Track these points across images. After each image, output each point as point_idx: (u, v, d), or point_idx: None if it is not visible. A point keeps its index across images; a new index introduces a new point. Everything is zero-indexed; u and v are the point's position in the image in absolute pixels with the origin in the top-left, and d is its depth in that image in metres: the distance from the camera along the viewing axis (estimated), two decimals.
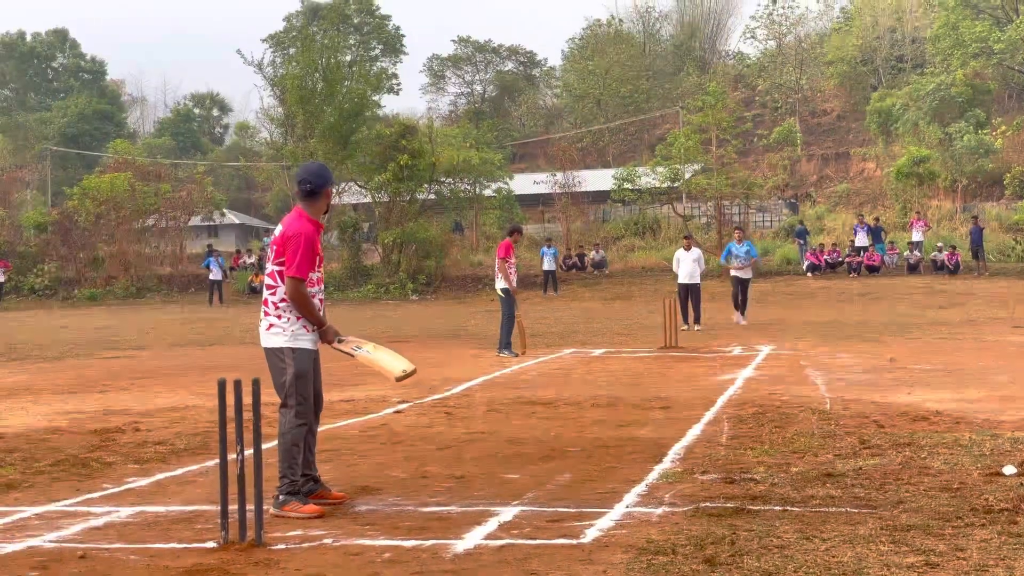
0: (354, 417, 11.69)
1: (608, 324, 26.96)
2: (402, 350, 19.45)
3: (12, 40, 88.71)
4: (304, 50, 48.81)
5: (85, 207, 51.11)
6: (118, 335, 26.73)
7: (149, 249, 52.15)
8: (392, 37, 79.37)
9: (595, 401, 12.64)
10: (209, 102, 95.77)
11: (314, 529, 6.66)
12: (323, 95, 46.43)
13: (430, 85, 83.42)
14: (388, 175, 44.92)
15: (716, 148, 46.98)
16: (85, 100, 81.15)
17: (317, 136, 45.83)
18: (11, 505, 7.54)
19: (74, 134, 77.61)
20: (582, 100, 71.71)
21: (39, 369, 18.80)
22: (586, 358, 18.62)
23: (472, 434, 10.40)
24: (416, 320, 30.46)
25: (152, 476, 8.60)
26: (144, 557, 6.10)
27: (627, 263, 47.33)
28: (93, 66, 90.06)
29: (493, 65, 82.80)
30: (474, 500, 7.37)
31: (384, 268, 45.09)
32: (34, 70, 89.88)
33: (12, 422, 11.77)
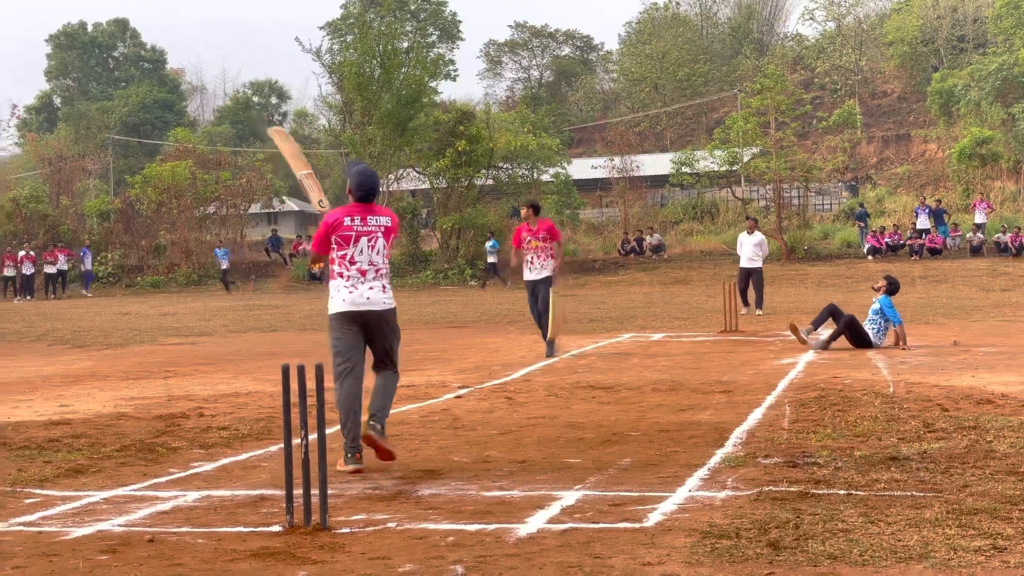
0: (415, 402, 11.74)
1: (667, 308, 26.89)
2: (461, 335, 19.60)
3: (74, 30, 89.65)
4: (361, 37, 48.95)
5: (147, 195, 51.63)
6: (180, 322, 27.01)
7: (210, 236, 52.59)
8: (449, 23, 79.39)
9: (655, 385, 12.62)
10: (268, 90, 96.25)
11: (378, 513, 6.71)
12: (381, 82, 46.55)
13: (487, 71, 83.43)
14: (446, 161, 45.03)
15: (775, 131, 46.64)
16: (146, 89, 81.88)
17: (375, 123, 45.97)
18: (80, 490, 7.64)
19: (135, 123, 78.33)
20: (639, 84, 71.42)
21: (104, 356, 19.04)
22: (646, 342, 18.59)
23: (533, 419, 10.43)
24: (475, 305, 30.53)
25: (217, 461, 8.68)
26: (211, 541, 6.16)
27: (685, 247, 47.18)
28: (153, 55, 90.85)
29: (550, 50, 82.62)
30: (536, 484, 7.39)
31: (442, 254, 45.24)
32: (95, 60, 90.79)
33: (79, 408, 11.93)
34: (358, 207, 8.49)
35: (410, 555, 5.76)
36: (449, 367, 15.36)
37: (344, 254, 8.39)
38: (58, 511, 6.98)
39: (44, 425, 10.64)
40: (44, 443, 9.52)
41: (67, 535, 6.35)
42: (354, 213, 8.45)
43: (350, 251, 8.38)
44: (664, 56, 69.51)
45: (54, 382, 14.87)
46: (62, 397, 13.07)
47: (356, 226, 8.39)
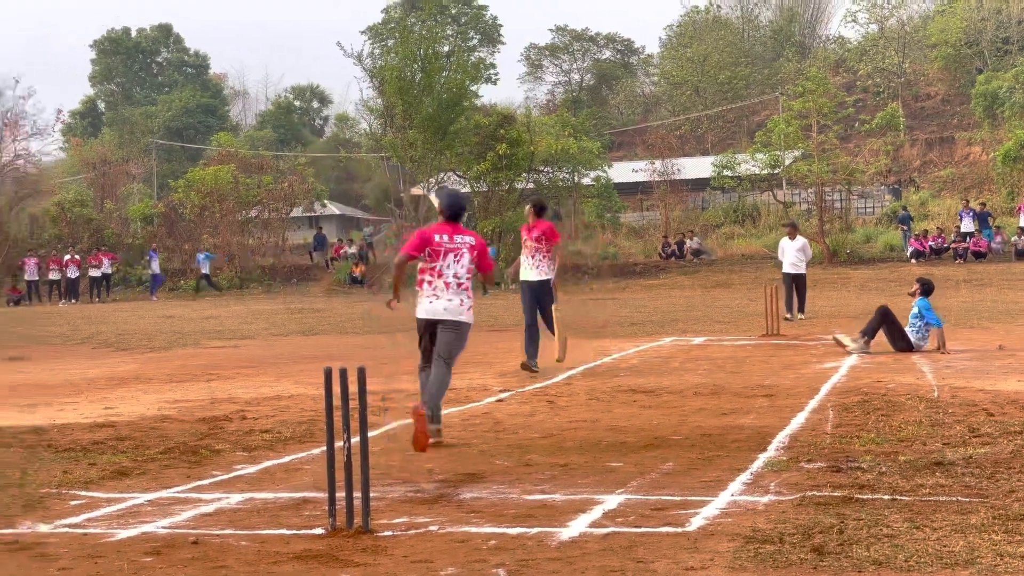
0: (456, 406, 11.75)
1: (708, 312, 26.78)
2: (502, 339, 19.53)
3: (118, 36, 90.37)
4: (402, 41, 49.04)
5: (190, 199, 51.95)
6: (223, 325, 27.15)
7: (252, 240, 52.83)
8: (489, 27, 79.55)
9: (697, 389, 12.58)
10: (309, 94, 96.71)
11: (420, 516, 6.72)
12: (422, 86, 46.59)
13: (528, 74, 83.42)
14: (487, 165, 45.06)
15: (817, 134, 46.38)
16: (189, 94, 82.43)
17: (416, 127, 46.03)
18: (124, 492, 7.70)
19: (178, 127, 78.87)
20: (680, 87, 71.26)
21: (147, 359, 19.17)
22: (687, 346, 18.53)
23: (574, 422, 10.42)
24: (516, 309, 30.44)
25: (260, 463, 8.73)
26: (254, 543, 6.20)
27: (726, 250, 47.01)
28: (196, 60, 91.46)
29: (590, 54, 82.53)
30: (578, 488, 7.38)
31: None
32: (139, 65, 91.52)
33: (123, 410, 12.02)
34: (447, 226, 9.70)
35: (452, 558, 5.77)
36: (490, 371, 15.36)
37: (432, 266, 9.53)
38: (103, 513, 7.04)
39: (89, 427, 10.73)
40: (89, 445, 9.60)
41: (112, 537, 6.40)
42: (443, 231, 9.64)
43: (438, 264, 9.52)
44: (705, 59, 69.33)
45: (99, 385, 14.98)
46: (107, 400, 13.17)
47: (444, 243, 9.56)
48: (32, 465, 8.71)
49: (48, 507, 7.22)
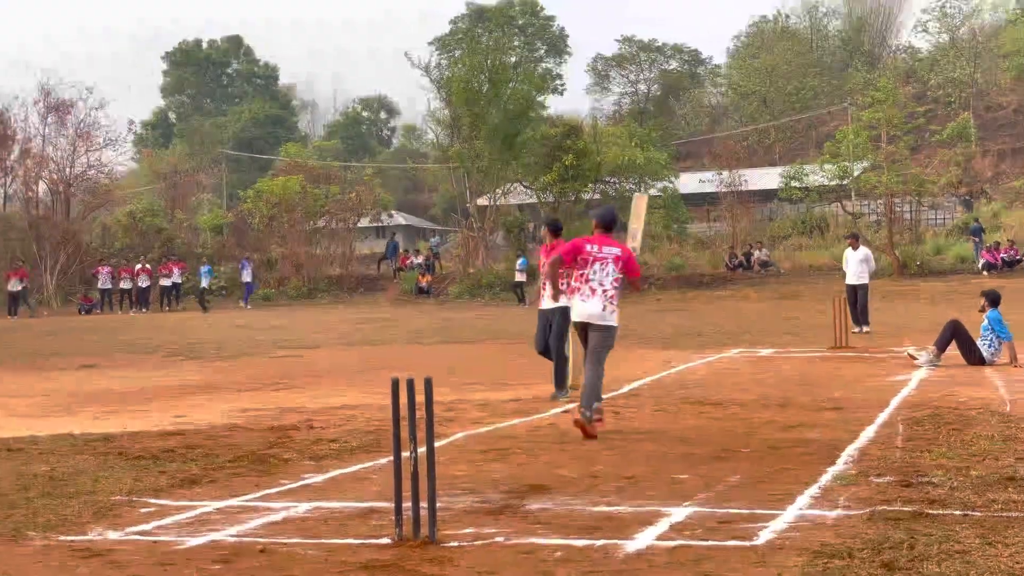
0: (522, 417, 11.76)
1: (776, 324, 26.61)
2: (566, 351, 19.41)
3: (190, 48, 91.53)
4: (470, 52, 49.27)
5: (259, 209, 52.43)
6: (291, 334, 27.34)
7: (320, 250, 53.17)
8: (556, 38, 79.63)
9: (764, 402, 12.50)
10: (377, 105, 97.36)
11: (486, 527, 6.72)
12: (488, 96, 46.73)
13: (594, 85, 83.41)
14: (553, 175, 45.08)
15: (886, 145, 45.95)
16: (258, 105, 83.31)
17: (483, 137, 46.17)
18: (194, 499, 7.77)
19: (248, 138, 79.69)
20: (747, 98, 70.94)
21: (216, 368, 19.36)
22: (754, 358, 18.42)
23: (640, 434, 10.38)
24: None
25: (327, 473, 8.77)
26: (322, 552, 6.22)
27: (794, 262, 46.65)
28: (266, 71, 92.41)
29: (657, 64, 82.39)
30: (644, 500, 7.35)
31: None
32: (210, 76, 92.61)
33: (193, 419, 12.14)
34: (598, 237, 10.74)
35: (518, 570, 5.76)
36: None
37: (582, 273, 10.58)
38: (173, 520, 7.11)
39: (159, 435, 10.84)
40: (159, 453, 9.70)
41: (181, 544, 6.46)
42: (594, 242, 10.68)
43: (586, 271, 10.56)
44: (773, 69, 68.95)
45: (169, 393, 15.15)
46: (176, 408, 13.31)
47: (593, 252, 10.58)
48: (103, 472, 8.81)
49: (119, 514, 7.30)
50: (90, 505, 7.55)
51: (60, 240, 51.34)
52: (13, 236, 53.41)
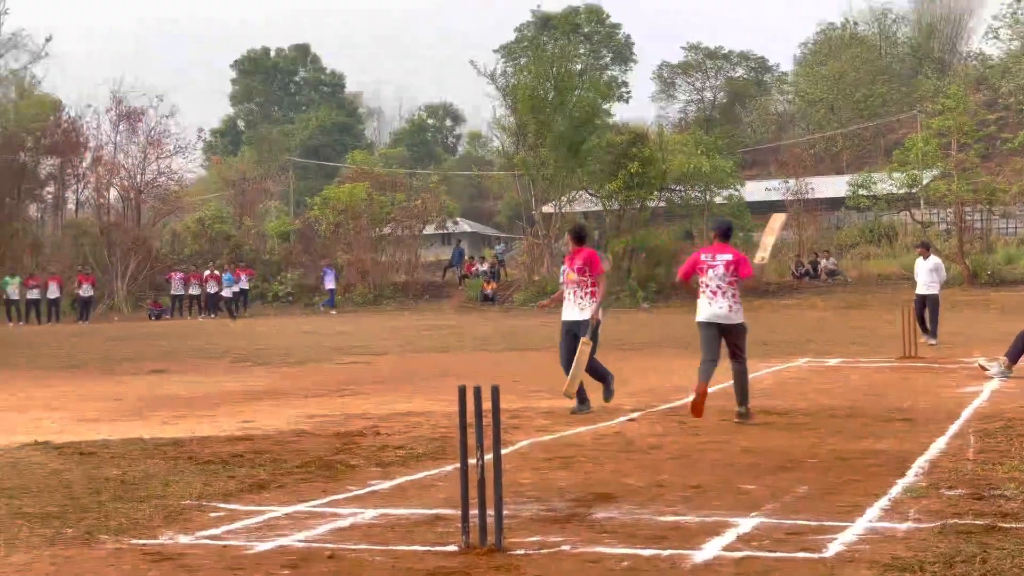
0: (587, 425, 11.76)
1: (843, 333, 26.38)
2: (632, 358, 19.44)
3: (258, 56, 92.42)
4: (535, 60, 49.29)
5: (325, 216, 52.73)
6: (356, 340, 27.49)
7: (385, 257, 53.38)
8: (622, 45, 79.51)
9: (832, 412, 12.40)
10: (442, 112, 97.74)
11: (552, 535, 6.72)
12: (554, 104, 46.70)
13: (660, 92, 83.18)
14: (618, 183, 44.98)
15: (956, 153, 45.41)
16: (325, 113, 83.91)
17: (548, 145, 46.16)
18: (262, 504, 7.84)
19: (315, 146, 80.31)
20: (815, 105, 70.41)
21: (283, 373, 19.51)
22: (821, 368, 18.27)
23: (706, 443, 10.34)
24: (647, 329, 30.41)
25: (393, 479, 8.81)
26: (388, 558, 6.26)
27: (862, 271, 46.22)
28: (333, 79, 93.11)
29: (724, 71, 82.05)
30: (711, 510, 7.32)
31: (614, 276, 45.10)
32: (278, 84, 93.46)
33: (260, 424, 12.24)
34: (715, 246, 12.36)
35: None
36: (621, 390, 15.26)
37: (703, 280, 12.11)
38: (242, 525, 7.18)
39: (227, 440, 10.95)
40: (228, 458, 9.80)
41: (251, 549, 6.52)
42: (709, 251, 12.34)
43: (705, 278, 12.08)
44: (841, 76, 68.38)
45: (236, 398, 15.30)
46: (244, 413, 13.44)
47: (708, 260, 12.15)
48: (173, 477, 8.91)
49: (189, 518, 7.38)
50: (161, 509, 7.64)
51: (131, 246, 51.97)
52: (85, 242, 54.19)
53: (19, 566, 6.17)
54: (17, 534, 6.91)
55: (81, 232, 55.98)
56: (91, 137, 57.84)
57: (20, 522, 7.25)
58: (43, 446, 10.70)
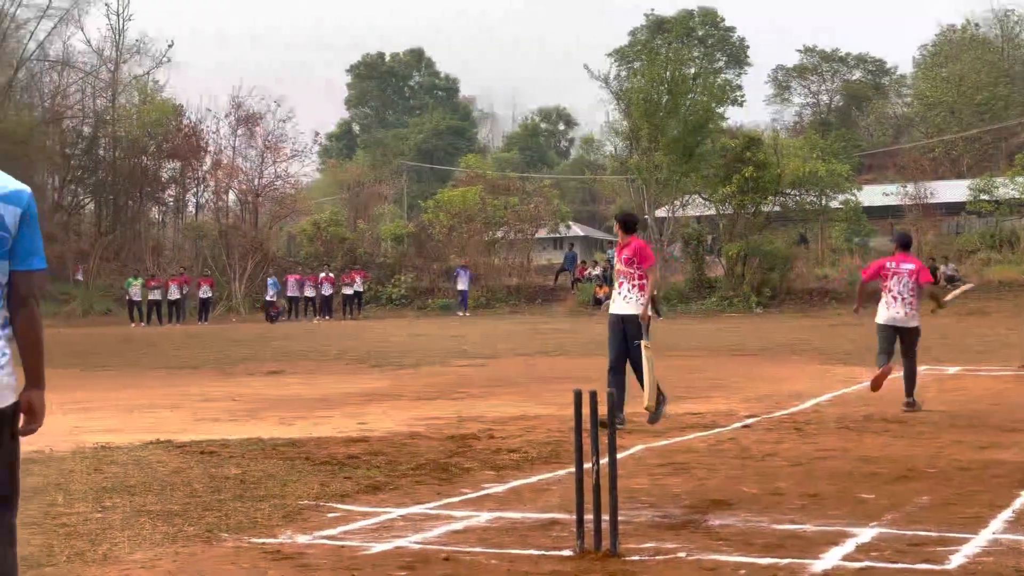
0: (702, 431, 11.67)
1: (963, 341, 25.83)
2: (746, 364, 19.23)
3: (373, 60, 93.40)
4: (649, 64, 49.11)
5: (439, 220, 53.07)
6: (469, 343, 27.61)
7: (498, 260, 53.55)
8: (736, 49, 78.95)
9: (952, 421, 12.17)
10: (555, 116, 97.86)
11: (668, 542, 6.68)
12: (668, 108, 46.50)
13: (775, 96, 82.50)
14: (732, 187, 44.61)
15: None
16: (439, 116, 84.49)
17: (662, 149, 45.98)
18: (378, 506, 7.91)
19: (428, 149, 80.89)
20: (934, 108, 69.20)
21: (397, 376, 19.68)
22: (941, 376, 17.92)
23: (823, 451, 10.20)
24: (761, 334, 30.07)
25: (508, 483, 8.83)
26: (503, 562, 6.27)
27: (982, 277, 45.26)
28: (447, 83, 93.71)
29: (840, 74, 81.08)
30: (829, 519, 7.21)
31: (728, 281, 44.75)
32: (392, 89, 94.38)
33: (375, 426, 12.36)
34: (897, 256, 13.45)
35: None
36: (735, 396, 15.19)
37: (886, 285, 13.26)
38: (358, 526, 7.25)
39: (344, 442, 11.07)
40: (344, 459, 9.90)
41: (367, 550, 6.58)
42: (894, 259, 13.39)
43: (888, 284, 13.23)
44: (961, 79, 67.14)
45: (352, 400, 15.46)
46: (359, 415, 13.57)
47: (892, 268, 13.30)
48: (291, 477, 9.03)
49: (307, 518, 7.47)
50: (279, 509, 7.74)
51: (248, 248, 52.86)
52: (205, 244, 55.25)
53: (143, 563, 6.30)
54: (140, 531, 7.06)
55: (200, 234, 57.10)
56: (211, 141, 59.12)
57: (143, 519, 7.40)
58: (165, 445, 10.92)
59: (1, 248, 4.20)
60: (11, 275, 4.27)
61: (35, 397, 4.33)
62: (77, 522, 7.33)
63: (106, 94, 60.43)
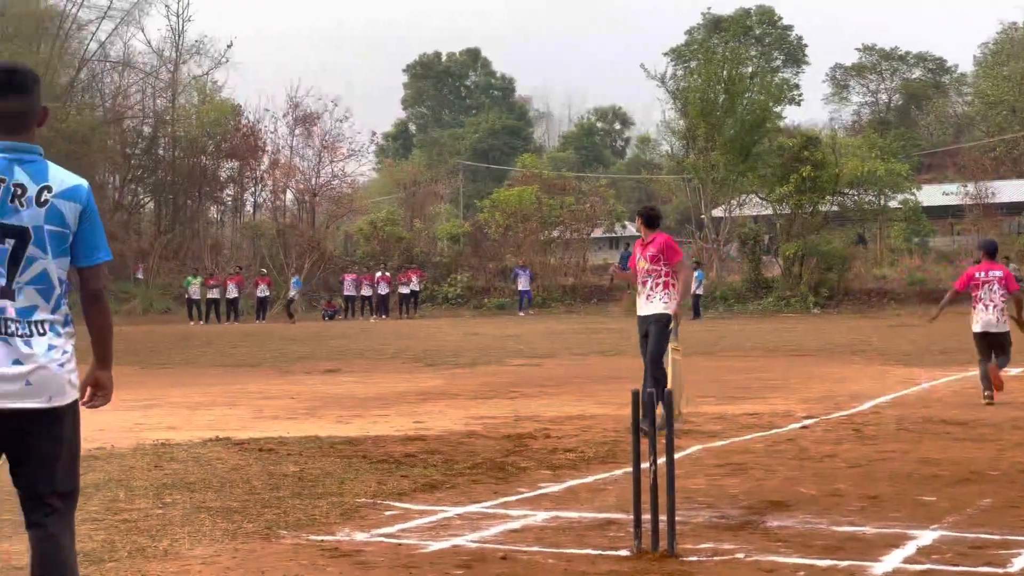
0: (759, 431, 11.60)
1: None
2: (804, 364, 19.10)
3: (429, 60, 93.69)
4: (706, 63, 48.97)
5: (495, 219, 53.13)
6: (525, 343, 27.63)
7: (554, 260, 53.53)
8: (794, 47, 78.48)
9: (1015, 423, 12.01)
10: (611, 116, 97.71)
11: (725, 543, 6.65)
12: (724, 107, 46.37)
13: (833, 95, 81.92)
14: (790, 187, 44.35)
15: None
16: (495, 116, 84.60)
17: (718, 148, 45.83)
18: (435, 504, 7.93)
19: (484, 149, 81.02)
20: (996, 107, 68.41)
21: (453, 375, 19.72)
22: (1004, 377, 17.68)
23: (883, 453, 10.10)
24: (818, 334, 29.85)
25: (564, 482, 8.82)
26: (561, 561, 6.26)
27: None
28: (502, 83, 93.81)
29: (899, 73, 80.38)
30: (889, 521, 7.15)
31: (785, 281, 44.52)
32: (448, 88, 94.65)
33: (432, 425, 12.39)
34: (983, 264, 14.20)
35: None
36: (793, 396, 15.10)
37: (976, 295, 13.99)
38: (415, 524, 7.27)
39: (400, 440, 11.11)
40: (401, 458, 9.93)
41: (425, 548, 6.59)
42: (982, 268, 14.10)
43: (979, 293, 13.95)
44: (1023, 78, 66.28)
45: (408, 399, 15.51)
46: (415, 414, 13.62)
47: (982, 276, 14.01)
48: (349, 475, 9.07)
49: (364, 516, 7.50)
50: (337, 506, 7.78)
51: (306, 247, 53.17)
52: (262, 243, 55.66)
53: (203, 558, 6.35)
54: (200, 527, 7.12)
55: (259, 233, 57.52)
56: (269, 141, 59.56)
57: (203, 515, 7.46)
58: (224, 442, 11.01)
59: (62, 245, 4.26)
60: (79, 272, 4.35)
61: (102, 375, 4.47)
62: (138, 518, 7.41)
63: (166, 94, 61.04)
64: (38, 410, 4.17)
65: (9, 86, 4.27)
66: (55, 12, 56.25)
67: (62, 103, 53.01)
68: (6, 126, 4.25)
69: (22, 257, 4.18)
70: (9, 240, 4.17)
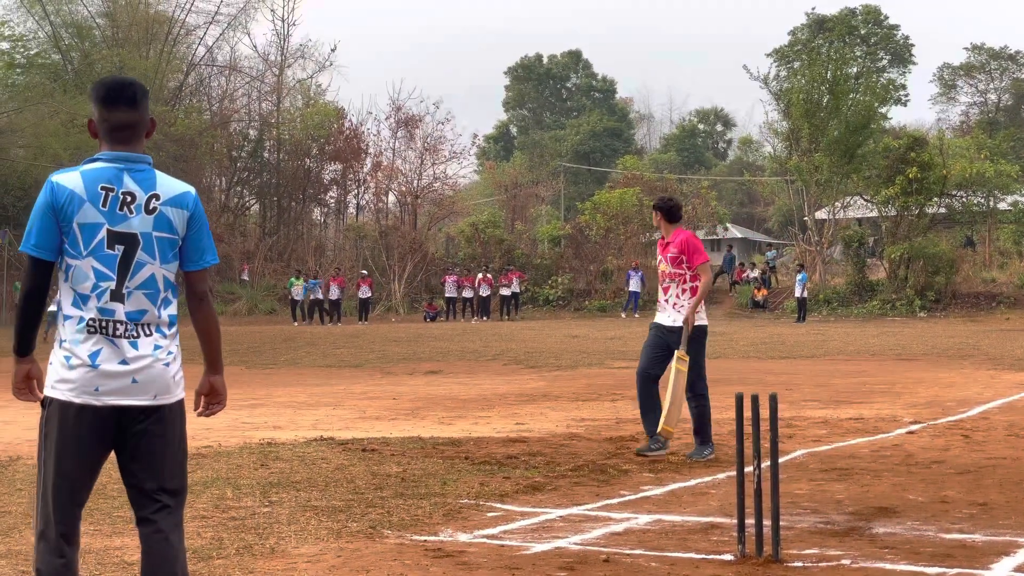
0: (864, 436, 11.46)
1: None
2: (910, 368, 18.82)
3: (531, 62, 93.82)
4: (810, 63, 48.42)
5: (596, 221, 53.03)
6: (626, 345, 27.51)
7: (655, 262, 53.23)
8: (900, 47, 77.32)
9: None
10: (713, 117, 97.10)
11: (831, 548, 6.57)
12: (829, 108, 45.82)
13: (940, 95, 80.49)
14: (895, 189, 43.70)
15: None
16: (596, 118, 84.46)
17: (822, 150, 45.30)
18: (537, 506, 7.94)
19: (585, 151, 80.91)
20: None
21: (555, 377, 19.73)
22: None
23: (993, 459, 9.92)
24: (925, 338, 29.37)
25: (666, 485, 8.79)
26: (664, 564, 6.24)
27: None
28: (604, 85, 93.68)
29: (1009, 72, 78.75)
30: (999, 529, 7.01)
31: (890, 284, 43.84)
32: (550, 90, 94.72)
33: (533, 426, 12.42)
34: None
35: None
36: (899, 401, 14.88)
37: None
38: (518, 526, 7.28)
39: (502, 442, 11.14)
40: (503, 459, 9.97)
41: (527, 550, 6.61)
42: None
43: None
44: None
45: (509, 400, 15.56)
46: (517, 415, 13.65)
47: None
48: (451, 475, 9.12)
49: (467, 517, 7.54)
50: (440, 507, 7.83)
51: (408, 249, 53.52)
52: (365, 245, 56.17)
53: (308, 556, 6.42)
54: (306, 526, 7.20)
55: (361, 235, 58.04)
56: (371, 143, 60.07)
57: (308, 514, 7.55)
58: (328, 442, 11.13)
59: (171, 250, 4.38)
60: (186, 275, 4.46)
61: (216, 380, 4.66)
62: (245, 516, 7.52)
63: (271, 98, 61.89)
64: (144, 407, 4.29)
65: (121, 99, 4.39)
66: (164, 18, 57.37)
67: (170, 107, 54.02)
68: (117, 137, 4.37)
69: (132, 262, 4.30)
70: (119, 246, 4.29)
